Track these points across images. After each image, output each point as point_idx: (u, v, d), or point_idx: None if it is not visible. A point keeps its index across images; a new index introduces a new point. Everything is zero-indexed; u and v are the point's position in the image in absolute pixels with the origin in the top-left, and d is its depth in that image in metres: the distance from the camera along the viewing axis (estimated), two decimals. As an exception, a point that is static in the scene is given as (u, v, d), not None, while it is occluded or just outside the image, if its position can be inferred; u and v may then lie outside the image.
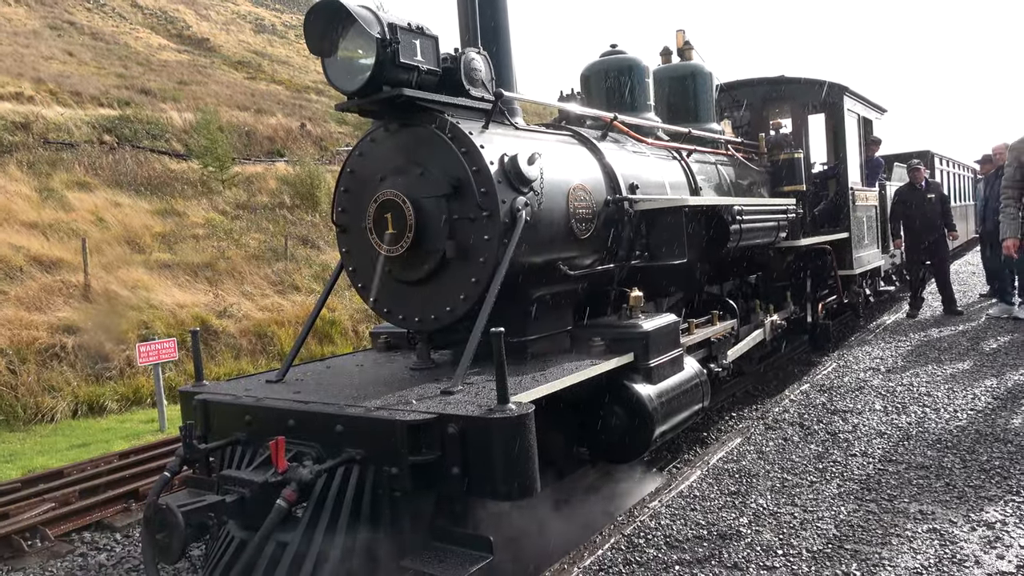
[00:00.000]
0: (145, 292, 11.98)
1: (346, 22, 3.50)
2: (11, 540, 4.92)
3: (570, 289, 4.37)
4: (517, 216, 3.65)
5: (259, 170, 20.02)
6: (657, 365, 4.10)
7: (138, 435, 8.29)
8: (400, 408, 3.04)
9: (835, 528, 3.66)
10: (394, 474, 2.90)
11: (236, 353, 11.64)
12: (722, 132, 7.19)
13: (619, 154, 5.00)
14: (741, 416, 6.80)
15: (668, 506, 4.09)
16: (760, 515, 3.89)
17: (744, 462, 4.72)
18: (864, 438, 5.01)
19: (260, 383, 3.97)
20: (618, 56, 5.98)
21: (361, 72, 3.53)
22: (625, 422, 3.92)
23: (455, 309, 3.77)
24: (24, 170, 15.48)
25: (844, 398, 6.03)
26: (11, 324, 10.14)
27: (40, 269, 11.87)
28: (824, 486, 4.23)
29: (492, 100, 3.97)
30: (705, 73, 7.11)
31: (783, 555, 3.42)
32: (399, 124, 3.89)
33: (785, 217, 6.75)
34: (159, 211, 15.85)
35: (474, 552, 2.86)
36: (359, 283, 4.16)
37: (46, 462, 7.27)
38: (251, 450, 3.37)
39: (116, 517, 5.43)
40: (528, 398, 3.10)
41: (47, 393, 9.41)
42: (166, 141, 19.88)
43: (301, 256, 15.71)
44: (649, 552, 3.54)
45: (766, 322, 6.82)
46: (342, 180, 4.13)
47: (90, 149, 17.72)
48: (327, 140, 24.19)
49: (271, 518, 2.77)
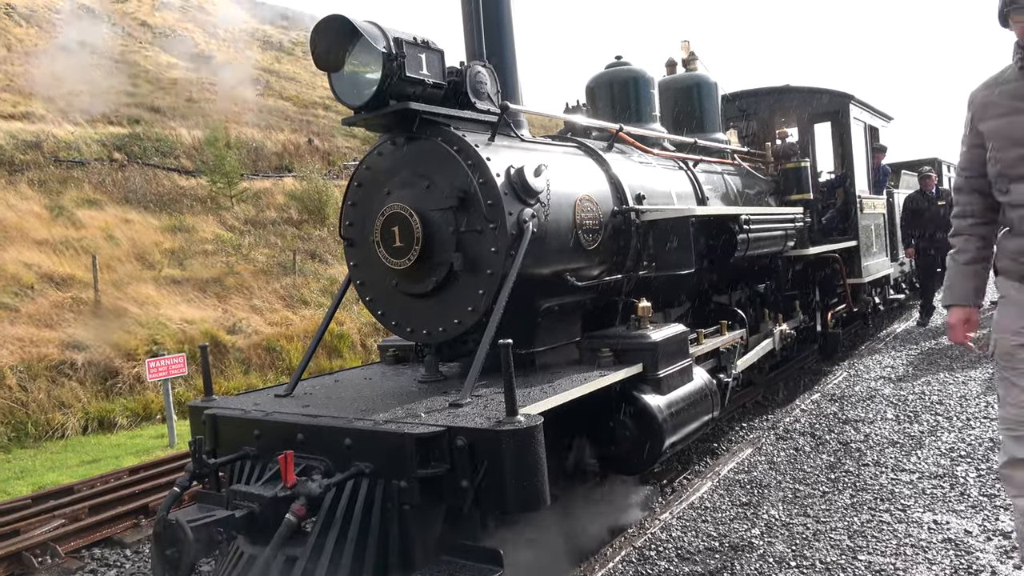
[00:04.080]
0: (155, 308, 12.04)
1: (352, 37, 3.52)
2: (22, 557, 4.93)
3: (578, 300, 4.36)
4: (524, 228, 3.65)
5: (267, 185, 20.15)
6: (666, 376, 4.08)
7: (148, 451, 8.30)
8: (409, 421, 3.04)
9: (848, 539, 3.62)
10: (403, 487, 2.88)
11: (245, 368, 11.67)
12: (728, 142, 7.19)
13: (625, 165, 5.00)
14: (751, 426, 6.76)
15: (679, 518, 4.06)
16: (772, 526, 3.86)
17: (755, 473, 4.69)
18: (876, 448, 4.96)
19: (269, 397, 3.97)
20: (623, 67, 5.99)
21: (368, 86, 3.56)
22: (634, 433, 3.90)
23: (463, 321, 3.76)
24: (35, 188, 15.64)
25: (855, 407, 5.99)
26: (22, 341, 10.21)
27: (51, 286, 11.96)
28: (837, 496, 4.19)
29: (498, 112, 3.99)
30: (710, 83, 7.13)
31: (796, 567, 3.39)
32: (406, 137, 3.90)
33: (793, 226, 6.73)
34: (168, 227, 15.96)
35: (484, 565, 2.84)
36: (367, 296, 4.17)
37: (56, 478, 7.29)
38: (260, 464, 3.36)
39: (126, 533, 5.43)
40: (537, 410, 3.08)
41: (57, 409, 9.46)
42: (175, 158, 20.04)
43: (309, 270, 15.77)
44: (660, 564, 3.52)
45: (775, 331, 6.79)
46: (349, 194, 4.14)
47: (100, 167, 17.89)
48: (335, 155, 24.34)
49: (280, 533, 2.76)
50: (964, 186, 2.88)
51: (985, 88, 2.70)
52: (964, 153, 2.85)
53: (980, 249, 2.82)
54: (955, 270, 2.88)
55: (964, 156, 2.86)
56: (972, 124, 2.76)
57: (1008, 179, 2.60)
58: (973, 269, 2.84)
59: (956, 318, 2.87)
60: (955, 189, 2.97)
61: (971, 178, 2.82)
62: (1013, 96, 2.55)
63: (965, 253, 2.84)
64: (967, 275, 2.84)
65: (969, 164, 2.84)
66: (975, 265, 2.83)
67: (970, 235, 2.83)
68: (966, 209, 2.87)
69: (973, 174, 2.81)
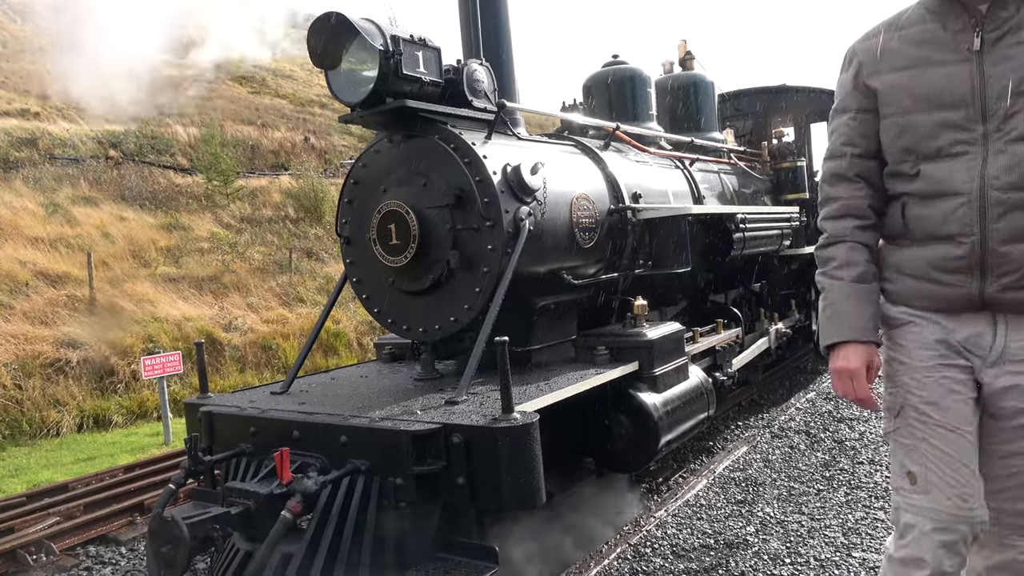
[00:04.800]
0: (150, 305, 12.01)
1: (349, 35, 3.52)
2: (16, 554, 4.92)
3: (574, 298, 4.37)
4: (520, 226, 3.65)
5: (263, 183, 20.11)
6: (662, 374, 4.10)
7: (143, 448, 8.29)
8: (404, 418, 3.04)
9: (843, 536, 3.64)
10: (399, 485, 2.89)
11: (241, 366, 11.66)
12: (724, 141, 7.21)
13: (622, 163, 5.01)
14: (747, 425, 6.77)
15: (674, 515, 4.07)
16: (767, 523, 3.87)
17: (750, 471, 4.70)
18: (871, 446, 4.98)
19: (265, 395, 3.97)
20: (620, 66, 6.00)
21: (364, 84, 3.56)
22: (630, 431, 3.91)
23: (459, 319, 3.77)
24: (30, 185, 15.58)
25: (850, 406, 6.01)
26: (17, 338, 10.18)
27: (46, 283, 11.93)
28: (831, 494, 4.21)
29: (495, 111, 3.99)
30: (707, 82, 7.14)
31: (791, 563, 3.40)
32: (402, 135, 3.90)
33: (788, 225, 6.75)
34: (164, 225, 15.92)
35: (480, 562, 2.85)
36: (363, 294, 4.17)
37: (51, 476, 7.27)
38: (256, 462, 3.36)
39: (121, 531, 5.42)
40: (533, 407, 3.09)
41: (52, 407, 9.42)
42: (171, 156, 19.99)
43: (306, 268, 15.75)
44: (656, 561, 3.53)
45: (771, 330, 6.81)
46: (346, 191, 4.14)
47: (95, 164, 17.83)
48: (331, 153, 24.29)
49: (276, 529, 2.76)
50: (842, 171, 2.06)
51: (873, 37, 2.01)
52: (843, 124, 2.06)
53: (869, 262, 2.03)
54: (841, 291, 2.01)
55: (843, 128, 2.06)
56: (857, 80, 2.02)
57: (918, 157, 1.90)
58: (866, 289, 2.01)
59: (857, 361, 1.96)
60: (826, 179, 2.13)
61: (856, 158, 2.04)
62: (919, 42, 1.90)
63: (853, 267, 2.01)
64: (860, 297, 1.99)
65: (852, 138, 2.04)
66: (867, 284, 2.01)
67: (855, 242, 2.03)
68: (848, 205, 2.05)
69: (859, 151, 2.04)
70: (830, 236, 2.07)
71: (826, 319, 2.04)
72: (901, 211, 1.98)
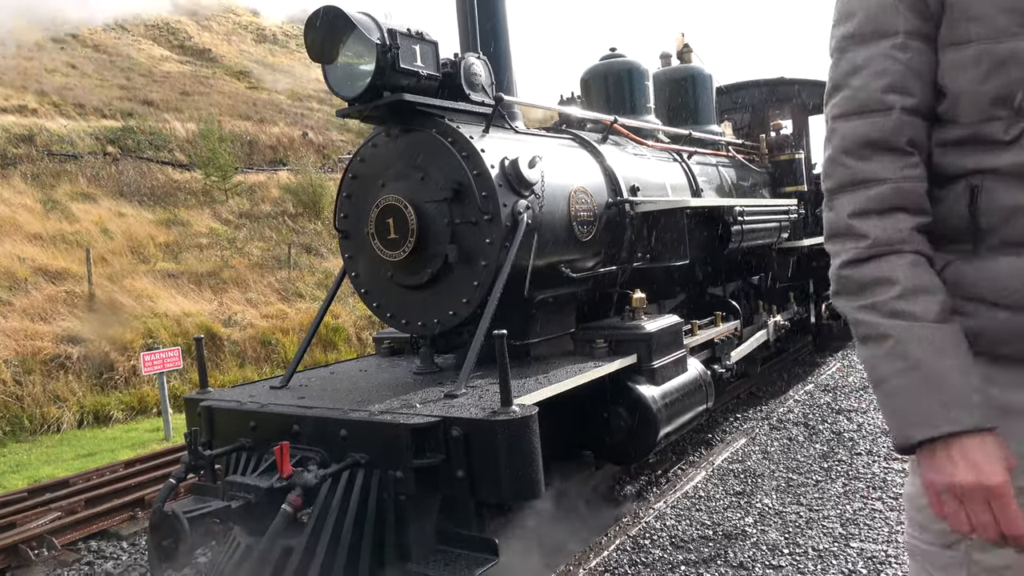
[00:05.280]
0: (150, 301, 12.02)
1: (346, 28, 3.52)
2: (18, 549, 4.93)
3: (573, 291, 4.38)
4: (519, 219, 3.66)
5: (262, 179, 20.08)
6: (661, 366, 4.11)
7: (143, 444, 8.30)
8: (404, 412, 3.05)
9: (841, 527, 3.65)
10: (398, 478, 2.90)
11: (241, 361, 11.67)
12: (722, 134, 7.20)
13: (620, 156, 5.01)
14: (746, 417, 6.79)
15: (673, 507, 4.09)
16: (766, 514, 3.89)
17: (749, 462, 4.72)
18: (869, 437, 5.00)
19: (264, 389, 3.98)
20: (618, 59, 6.00)
21: (362, 78, 3.55)
22: (629, 424, 3.93)
23: (458, 313, 3.77)
24: (28, 182, 15.56)
25: (848, 397, 6.02)
26: (16, 335, 10.18)
27: (45, 279, 11.92)
28: (829, 485, 4.22)
29: (492, 104, 3.99)
30: (705, 75, 7.13)
31: (789, 554, 3.42)
32: (400, 129, 3.90)
33: (787, 217, 6.76)
34: (163, 221, 15.91)
35: (480, 555, 2.87)
36: (362, 288, 4.17)
37: (52, 472, 7.29)
38: (256, 456, 3.37)
39: (122, 525, 5.44)
40: (532, 400, 3.10)
41: (53, 403, 9.44)
42: (169, 151, 19.95)
43: (305, 264, 15.75)
44: (655, 552, 3.54)
45: (769, 323, 6.82)
46: (344, 186, 4.14)
47: (93, 160, 17.80)
48: (329, 148, 24.26)
49: (276, 523, 2.77)
50: (887, 135, 1.21)
51: None
52: (882, 57, 1.21)
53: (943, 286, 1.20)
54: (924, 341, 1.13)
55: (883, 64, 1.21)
56: None
57: (1019, 110, 1.13)
58: (955, 332, 1.16)
59: (996, 469, 1.08)
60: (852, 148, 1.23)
61: (909, 114, 1.21)
62: None
63: (928, 297, 1.16)
64: (958, 349, 1.14)
65: (903, 81, 1.20)
66: (953, 325, 1.16)
67: (917, 254, 1.20)
68: (900, 191, 1.21)
69: (913, 103, 1.21)
70: (874, 244, 1.19)
71: (906, 389, 1.14)
72: (970, 199, 1.20)
